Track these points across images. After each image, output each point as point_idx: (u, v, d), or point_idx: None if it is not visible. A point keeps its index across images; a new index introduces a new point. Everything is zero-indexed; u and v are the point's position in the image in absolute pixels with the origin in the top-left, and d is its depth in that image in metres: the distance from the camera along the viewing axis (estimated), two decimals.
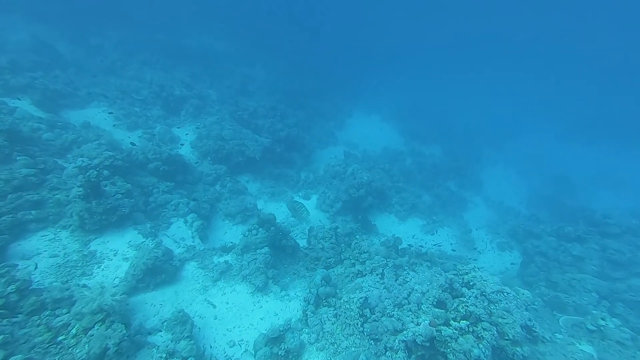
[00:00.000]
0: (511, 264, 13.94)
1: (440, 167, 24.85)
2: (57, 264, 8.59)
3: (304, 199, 17.43)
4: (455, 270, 8.87)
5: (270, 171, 18.37)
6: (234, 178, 15.77)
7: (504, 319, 6.88)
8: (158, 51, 24.72)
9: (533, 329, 7.05)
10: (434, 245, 15.00)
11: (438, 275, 9.10)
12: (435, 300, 7.97)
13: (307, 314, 8.70)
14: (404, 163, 24.68)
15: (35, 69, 16.02)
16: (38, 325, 6.09)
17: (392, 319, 7.95)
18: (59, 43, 21.14)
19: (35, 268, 8.00)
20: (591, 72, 57.51)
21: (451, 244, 16.11)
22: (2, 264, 7.49)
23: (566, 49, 60.91)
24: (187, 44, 30.00)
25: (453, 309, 7.39)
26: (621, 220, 13.73)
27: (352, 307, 8.43)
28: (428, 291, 8.34)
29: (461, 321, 6.80)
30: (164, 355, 6.06)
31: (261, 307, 9.62)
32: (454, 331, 6.62)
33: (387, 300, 8.60)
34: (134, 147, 12.52)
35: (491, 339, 6.46)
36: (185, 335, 7.37)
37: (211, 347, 8.13)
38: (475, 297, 7.34)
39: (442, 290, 8.17)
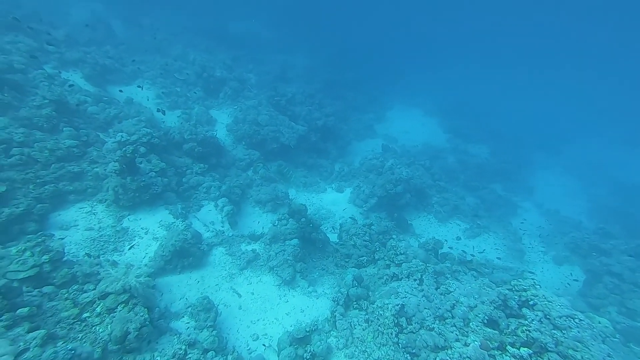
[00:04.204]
0: (574, 280, 12.16)
1: (486, 168, 22.83)
2: (91, 237, 8.65)
3: (337, 192, 16.69)
4: (510, 285, 7.65)
5: (304, 160, 17.79)
6: (266, 165, 15.38)
7: (577, 351, 5.67)
8: (203, 33, 24.94)
9: None
10: (479, 252, 13.58)
11: (488, 289, 7.95)
12: (485, 317, 6.89)
13: (335, 316, 8.01)
14: (446, 161, 22.99)
15: (89, 44, 16.63)
16: (65, 300, 5.97)
17: (433, 333, 7.01)
18: (113, 21, 22.03)
19: None
20: None
21: (497, 250, 14.56)
22: (40, 233, 7.57)
23: (632, 42, 53.39)
24: (232, 27, 30.13)
25: (510, 332, 6.29)
26: None
27: (386, 314, 7.59)
28: (477, 306, 7.26)
29: (521, 348, 5.71)
30: (183, 347, 5.68)
31: (287, 301, 9.10)
32: (513, 359, 5.57)
33: (426, 310, 7.65)
34: (171, 126, 12.48)
35: None
36: (209, 324, 7.01)
37: (234, 339, 7.77)
38: (539, 320, 6.17)
39: (495, 307, 7.06)
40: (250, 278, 9.43)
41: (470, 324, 6.84)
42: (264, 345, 7.66)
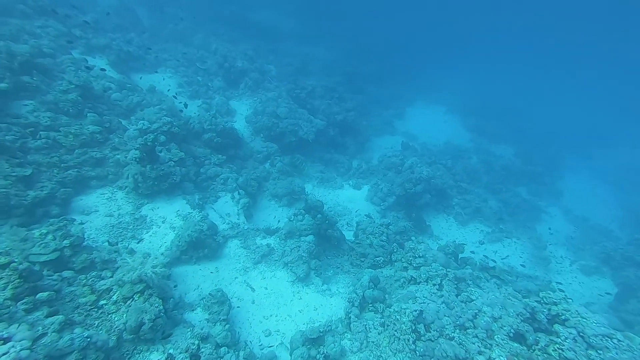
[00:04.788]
0: (606, 293, 11.43)
1: (512, 170, 21.88)
2: (110, 223, 8.73)
3: (354, 189, 16.35)
4: (538, 297, 7.18)
5: (321, 155, 17.52)
6: (282, 158, 15.20)
7: None
8: (226, 23, 24.87)
9: None
10: (502, 258, 13.00)
11: (513, 299, 7.50)
12: (511, 330, 6.49)
13: (350, 317, 7.77)
14: (469, 161, 22.14)
15: (115, 31, 16.80)
16: (84, 286, 6.00)
17: (453, 342, 6.67)
18: (139, 8, 22.20)
19: None
20: None
21: (520, 257, 13.91)
22: (62, 217, 7.69)
23: None
24: (255, 18, 29.88)
25: (540, 349, 5.87)
26: None
27: (403, 319, 7.30)
28: (501, 317, 6.85)
29: None
30: (196, 342, 5.61)
31: (300, 298, 8.96)
32: None
33: (446, 317, 7.31)
34: (191, 116, 12.49)
35: None
36: (222, 317, 6.92)
37: (246, 333, 7.70)
38: (574, 339, 5.73)
39: (522, 320, 6.63)
40: (264, 273, 9.33)
41: (495, 336, 6.46)
42: (270, 346, 7.51)
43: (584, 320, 6.17)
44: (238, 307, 8.17)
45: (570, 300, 6.84)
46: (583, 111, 37.89)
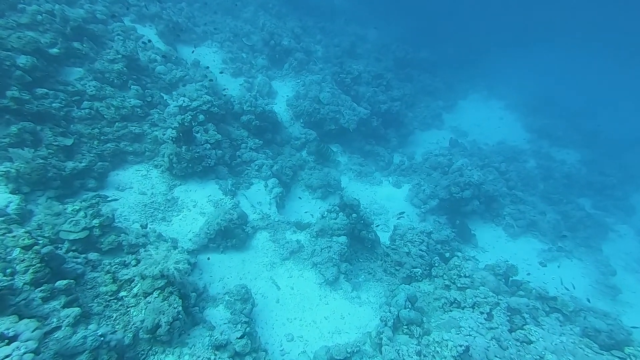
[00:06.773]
0: None
1: (575, 179, 19.27)
2: (143, 202, 8.54)
3: (394, 186, 15.18)
4: (623, 353, 5.85)
5: (361, 146, 16.40)
6: (310, 144, 14.27)
7: None
8: None
9: None
10: (566, 287, 11.33)
11: (587, 349, 6.24)
12: None
13: (382, 339, 6.97)
14: (524, 165, 19.83)
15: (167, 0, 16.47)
16: (107, 273, 5.73)
17: None
18: None
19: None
20: None
21: (583, 282, 12.14)
22: (95, 194, 7.55)
23: None
24: None
25: None
26: None
27: (444, 353, 6.36)
28: None
29: None
30: (212, 356, 5.13)
31: (327, 303, 8.31)
32: None
33: (497, 359, 6.25)
34: (231, 95, 11.93)
35: None
36: (244, 319, 6.44)
37: (268, 335, 7.25)
38: None
39: None
40: (292, 271, 8.76)
41: None
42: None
43: None
44: (261, 304, 7.72)
45: None
46: None
